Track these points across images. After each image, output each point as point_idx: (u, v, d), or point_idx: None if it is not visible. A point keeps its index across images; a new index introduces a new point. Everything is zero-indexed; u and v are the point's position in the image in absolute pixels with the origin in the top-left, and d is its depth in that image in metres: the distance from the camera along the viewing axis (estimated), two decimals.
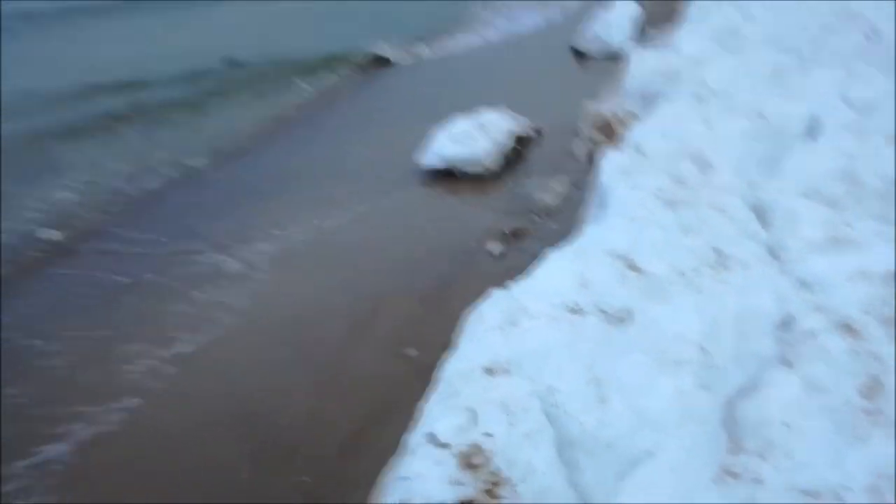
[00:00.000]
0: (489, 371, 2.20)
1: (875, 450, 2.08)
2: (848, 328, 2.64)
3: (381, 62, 8.89)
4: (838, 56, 5.82)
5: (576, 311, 2.49)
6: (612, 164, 3.81)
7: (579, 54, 8.54)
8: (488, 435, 1.98)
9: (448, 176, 5.30)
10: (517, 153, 5.59)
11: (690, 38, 6.52)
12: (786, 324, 2.75)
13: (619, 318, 2.50)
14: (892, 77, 5.07)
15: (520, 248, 4.25)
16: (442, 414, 2.08)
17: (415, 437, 2.09)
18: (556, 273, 2.72)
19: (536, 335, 2.33)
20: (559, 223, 4.47)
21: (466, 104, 6.43)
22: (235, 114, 7.28)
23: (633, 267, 2.79)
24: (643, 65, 5.97)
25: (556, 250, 2.97)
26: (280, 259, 4.41)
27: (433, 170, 5.33)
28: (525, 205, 4.80)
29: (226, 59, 8.98)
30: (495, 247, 4.22)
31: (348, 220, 4.85)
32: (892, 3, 7.23)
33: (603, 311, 2.52)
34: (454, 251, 4.25)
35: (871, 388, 2.35)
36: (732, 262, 2.96)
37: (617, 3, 9.30)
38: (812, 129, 4.44)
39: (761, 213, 3.54)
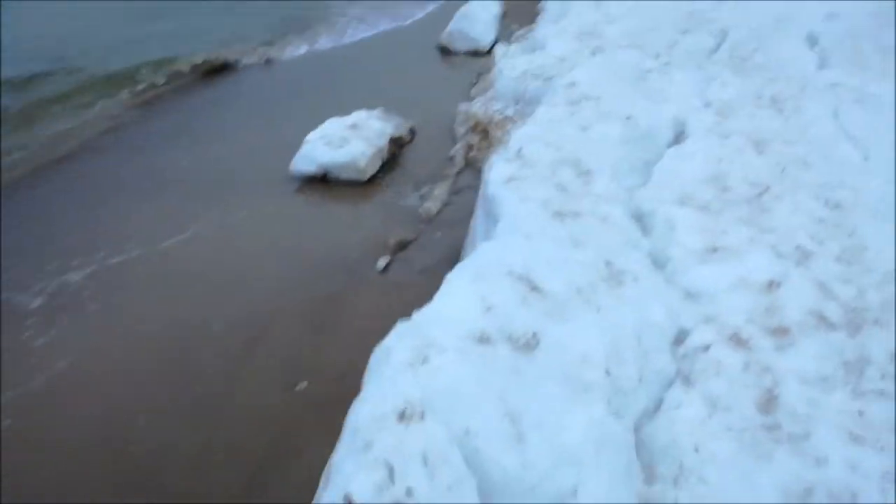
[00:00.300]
0: (402, 416, 2.05)
1: (780, 467, 2.14)
2: (738, 340, 2.74)
3: (228, 66, 8.03)
4: (693, 58, 6.14)
5: (484, 340, 2.40)
6: (497, 173, 3.75)
7: (445, 51, 8.49)
8: (409, 492, 1.84)
9: (322, 182, 5.06)
10: (393, 156, 5.43)
11: (555, 38, 6.62)
12: (679, 339, 2.81)
13: (526, 344, 2.44)
14: (744, 77, 5.41)
15: (405, 259, 4.12)
16: (356, 470, 1.91)
17: (328, 497, 1.91)
18: (458, 298, 2.61)
19: (447, 372, 2.21)
20: (443, 232, 4.39)
21: (336, 105, 6.19)
22: (61, 121, 6.40)
23: (533, 287, 2.73)
24: (513, 65, 5.99)
25: (454, 271, 2.86)
26: (138, 280, 4.00)
27: (306, 176, 5.06)
28: (407, 212, 4.67)
29: (52, 61, 7.90)
30: (381, 260, 4.05)
31: (215, 233, 4.48)
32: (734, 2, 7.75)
33: (510, 339, 2.45)
34: (336, 265, 4.05)
35: (768, 402, 2.44)
36: (624, 275, 2.98)
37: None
38: (679, 133, 4.62)
39: (642, 222, 3.63)
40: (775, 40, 6.55)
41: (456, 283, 2.73)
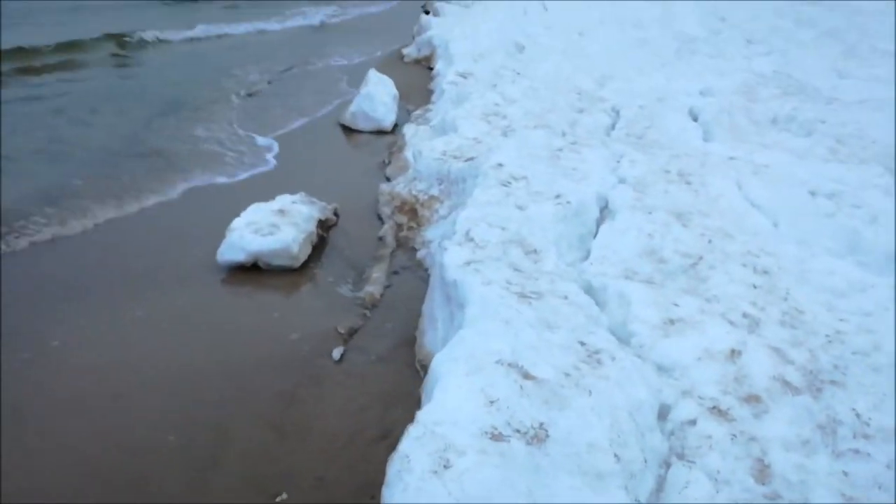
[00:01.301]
0: None
1: None
2: (718, 411, 2.88)
3: None
4: (595, 135, 6.55)
5: (496, 437, 2.38)
6: (453, 257, 3.79)
7: (349, 130, 8.56)
8: None
9: (252, 270, 4.88)
10: (321, 239, 5.35)
11: (464, 119, 6.85)
12: (662, 414, 2.92)
13: (536, 437, 2.45)
14: (648, 154, 5.81)
15: (359, 347, 4.02)
16: None
17: None
18: (459, 393, 2.58)
19: (474, 476, 2.17)
20: (391, 317, 4.33)
21: (254, 190, 6.06)
22: None
23: (525, 375, 2.76)
24: (431, 147, 6.13)
25: (442, 363, 2.83)
26: (64, 398, 3.64)
27: (235, 264, 4.87)
28: (348, 297, 4.58)
29: None
30: (335, 350, 3.93)
31: (146, 336, 4.18)
32: (615, 83, 8.38)
33: (520, 432, 2.45)
34: (289, 359, 3.88)
35: (762, 472, 2.56)
36: (601, 354, 3.07)
37: (371, 78, 9.51)
38: (603, 209, 4.88)
39: (595, 298, 3.77)
40: (663, 117, 7.14)
41: (452, 378, 2.70)
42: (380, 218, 5.77)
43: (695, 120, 7.27)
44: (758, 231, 4.50)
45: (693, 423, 2.80)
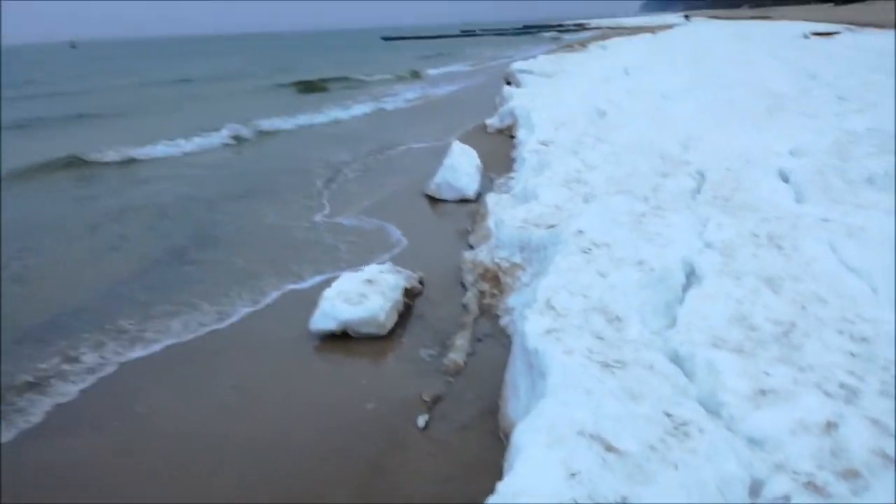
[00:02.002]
0: None
1: None
2: (814, 486, 2.74)
3: None
4: (679, 200, 6.49)
5: None
6: (534, 326, 3.82)
7: (434, 200, 8.81)
8: None
9: (342, 338, 5.05)
10: (407, 307, 5.49)
11: (545, 187, 6.95)
12: (754, 489, 2.81)
13: None
14: (736, 217, 5.70)
15: (443, 415, 4.06)
16: None
17: None
18: (540, 466, 2.58)
19: None
20: (475, 384, 4.36)
21: (344, 260, 6.30)
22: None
23: (608, 447, 2.73)
24: (513, 215, 6.23)
25: (523, 434, 2.84)
26: (155, 459, 3.85)
27: (326, 333, 5.06)
28: (432, 364, 4.66)
29: None
30: (420, 418, 3.99)
31: (239, 399, 4.39)
32: (700, 144, 8.30)
33: None
34: (375, 426, 3.96)
35: None
36: (688, 426, 3.00)
37: (454, 150, 9.80)
38: (689, 274, 4.81)
39: (682, 367, 3.69)
40: (751, 179, 7.00)
41: (532, 449, 2.70)
42: (463, 285, 5.87)
43: (785, 181, 7.09)
44: (854, 296, 4.31)
45: (787, 498, 2.68)
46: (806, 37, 29.73)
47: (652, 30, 54.67)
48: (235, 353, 5.01)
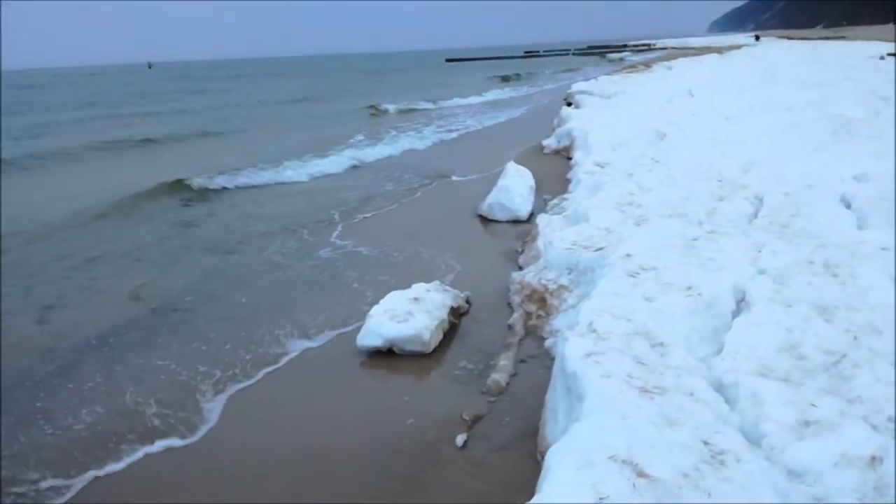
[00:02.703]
0: None
1: None
2: None
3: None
4: (735, 224, 6.37)
5: None
6: (574, 349, 3.81)
7: (486, 221, 8.87)
8: None
9: (387, 354, 5.14)
10: (453, 326, 5.54)
11: (597, 209, 6.92)
12: None
13: None
14: (792, 244, 5.56)
15: (482, 435, 4.08)
16: None
17: None
18: (568, 488, 2.59)
19: None
20: (516, 406, 4.37)
21: (392, 278, 6.40)
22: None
23: (640, 473, 2.71)
24: (562, 237, 6.23)
25: (554, 455, 2.84)
26: (205, 463, 3.98)
27: (372, 349, 5.15)
28: (474, 384, 4.69)
29: None
30: (459, 436, 4.02)
31: (281, 410, 4.52)
32: (768, 172, 8.12)
33: None
34: (414, 442, 4.01)
35: None
36: (725, 455, 2.95)
37: (509, 170, 9.85)
38: (740, 301, 4.72)
39: (724, 394, 3.62)
40: (811, 204, 6.81)
41: (562, 471, 2.71)
42: (510, 306, 5.89)
43: (847, 207, 6.88)
44: None
45: None
46: (882, 58, 28.67)
47: (719, 50, 53.70)
48: (281, 361, 5.17)
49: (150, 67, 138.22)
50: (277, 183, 12.71)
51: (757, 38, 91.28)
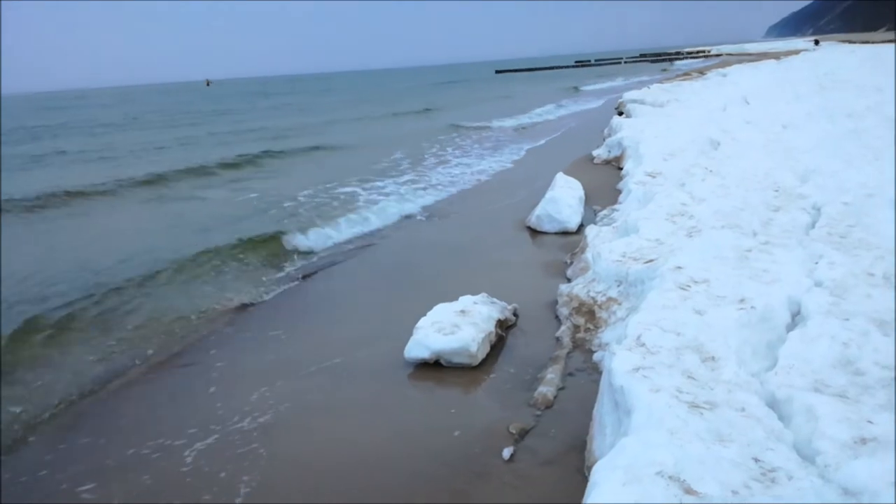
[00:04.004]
0: None
1: None
2: None
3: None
4: (791, 235, 6.21)
5: None
6: (621, 363, 3.77)
7: (535, 232, 8.85)
8: None
9: (434, 367, 5.17)
10: (500, 338, 5.55)
11: (647, 220, 6.84)
12: None
13: None
14: (851, 255, 5.40)
15: (528, 448, 4.07)
16: None
17: None
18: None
19: None
20: (563, 420, 4.34)
21: (440, 290, 6.44)
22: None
23: (688, 490, 2.67)
24: (611, 248, 6.17)
25: (601, 471, 2.82)
26: (253, 465, 4.06)
27: (419, 361, 5.19)
28: (521, 397, 4.68)
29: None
30: (506, 450, 4.02)
31: (333, 420, 4.58)
32: (827, 181, 7.90)
33: None
34: (460, 454, 4.02)
35: None
36: (776, 472, 2.88)
37: (557, 181, 9.82)
38: (796, 315, 4.60)
39: (779, 410, 3.54)
40: (871, 214, 6.60)
41: (607, 487, 2.69)
42: (558, 318, 5.86)
43: None
44: None
45: None
46: None
47: (777, 56, 52.41)
48: (331, 373, 5.24)
49: (208, 85, 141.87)
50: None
51: (816, 42, 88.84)
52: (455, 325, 5.23)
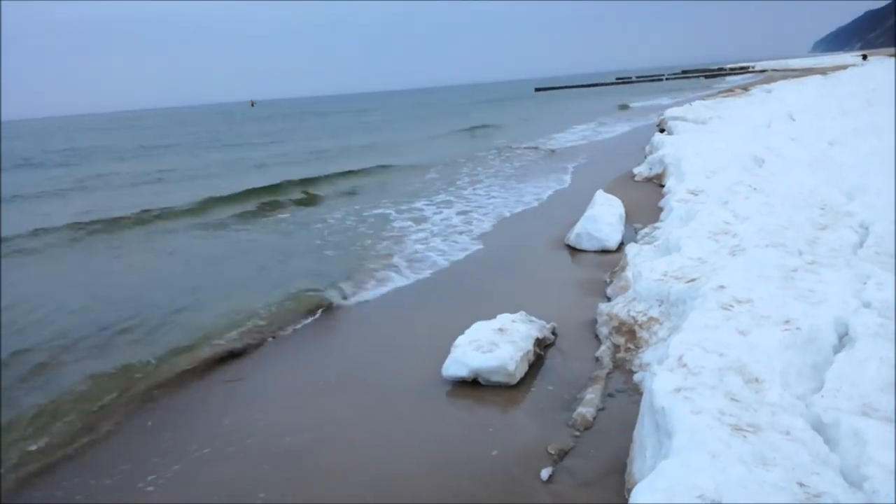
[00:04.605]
0: None
1: None
2: None
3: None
4: (838, 254, 6.06)
5: None
6: (663, 383, 3.72)
7: (574, 250, 8.80)
8: None
9: (472, 385, 5.17)
10: (538, 357, 5.52)
11: (689, 239, 6.75)
12: None
13: None
14: None
15: (567, 469, 4.03)
16: None
17: None
18: None
19: None
20: (603, 441, 4.29)
21: (478, 308, 6.45)
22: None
23: None
24: (652, 267, 6.11)
25: (641, 492, 2.78)
26: (291, 478, 4.10)
27: (457, 379, 5.19)
28: (560, 417, 4.64)
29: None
30: (544, 470, 3.98)
31: (369, 438, 4.60)
32: (875, 198, 7.70)
33: None
34: (497, 475, 4.00)
35: None
36: (821, 498, 2.81)
37: (597, 199, 9.76)
38: (844, 337, 4.48)
39: (825, 434, 3.45)
40: None
41: None
42: (597, 338, 5.81)
43: None
44: None
45: None
46: None
47: (823, 71, 51.43)
48: (369, 390, 5.28)
49: (252, 105, 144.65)
50: None
51: (864, 57, 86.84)
52: (493, 344, 5.22)
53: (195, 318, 7.17)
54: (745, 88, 38.76)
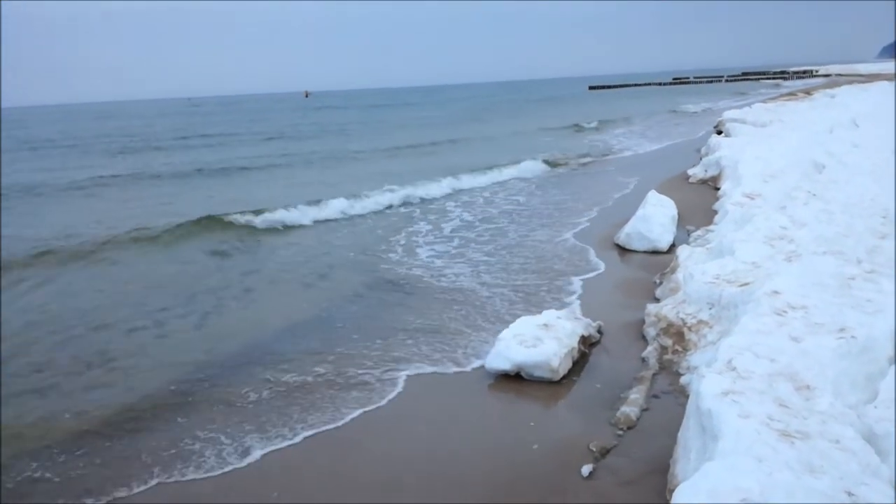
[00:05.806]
0: None
1: None
2: None
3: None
4: None
5: None
6: (710, 386, 3.67)
7: (623, 250, 8.71)
8: None
9: (515, 379, 5.18)
10: (583, 355, 5.49)
11: (744, 243, 6.62)
12: None
13: None
14: None
15: (608, 467, 4.01)
16: None
17: None
18: None
19: None
20: (646, 441, 4.26)
21: (525, 303, 6.45)
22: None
23: None
24: (703, 270, 6.01)
25: (683, 493, 2.76)
26: (332, 466, 4.18)
27: (500, 372, 5.21)
28: (603, 415, 4.62)
29: None
30: (585, 467, 3.97)
31: (417, 431, 4.65)
32: None
33: None
34: (539, 469, 4.02)
35: None
36: None
37: (650, 199, 9.62)
38: None
39: (876, 445, 3.36)
40: None
41: None
42: (644, 338, 5.75)
43: None
44: None
45: None
46: None
47: (890, 77, 49.57)
48: (413, 379, 5.34)
49: (307, 96, 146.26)
50: None
51: None
52: (537, 339, 5.22)
53: None
54: (808, 92, 37.66)
